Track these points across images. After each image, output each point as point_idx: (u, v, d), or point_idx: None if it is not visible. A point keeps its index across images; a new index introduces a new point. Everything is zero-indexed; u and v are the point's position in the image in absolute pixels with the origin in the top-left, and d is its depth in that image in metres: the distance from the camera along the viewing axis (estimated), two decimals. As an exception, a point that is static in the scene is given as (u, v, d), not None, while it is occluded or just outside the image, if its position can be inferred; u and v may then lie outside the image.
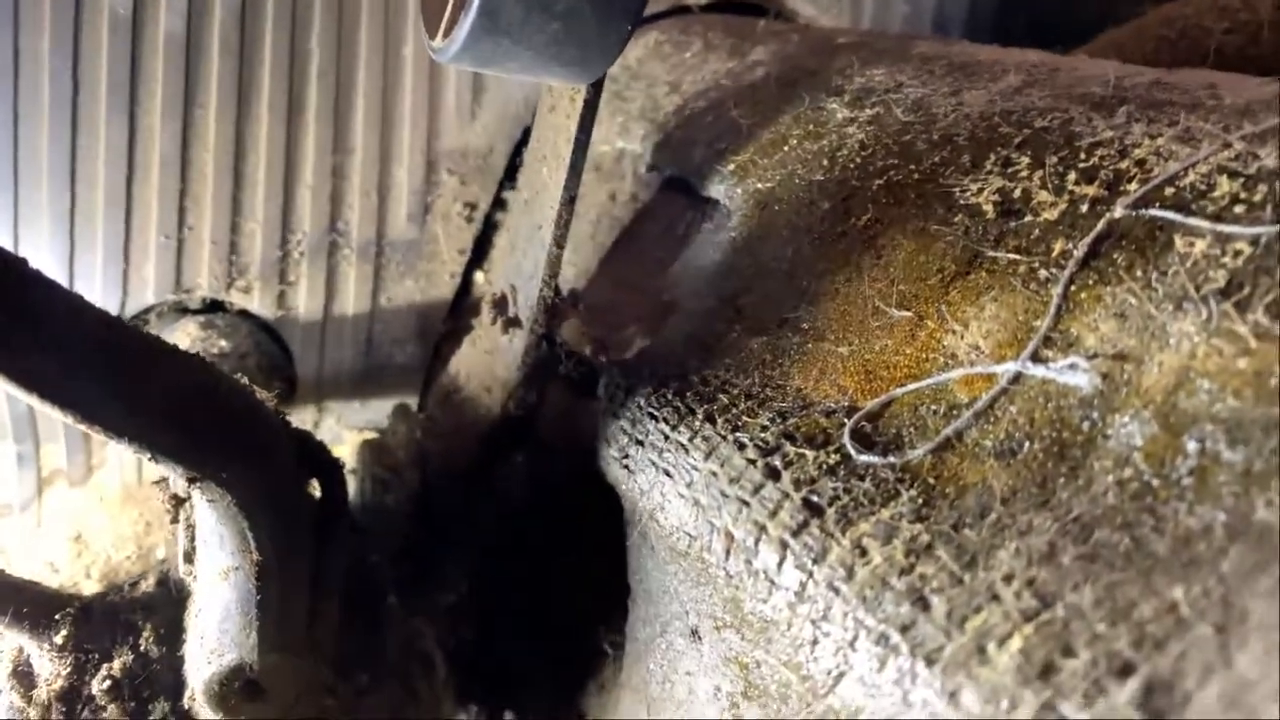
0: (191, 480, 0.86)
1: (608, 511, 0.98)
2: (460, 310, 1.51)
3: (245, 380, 0.94)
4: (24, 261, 0.75)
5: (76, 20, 1.30)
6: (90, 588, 1.48)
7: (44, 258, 1.37)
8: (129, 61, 1.31)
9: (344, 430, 1.53)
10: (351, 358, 1.49)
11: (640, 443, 0.84)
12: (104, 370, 0.78)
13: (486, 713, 1.03)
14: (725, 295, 0.94)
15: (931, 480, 0.64)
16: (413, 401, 1.51)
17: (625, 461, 0.86)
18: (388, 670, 1.10)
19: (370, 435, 1.53)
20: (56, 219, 1.35)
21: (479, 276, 1.53)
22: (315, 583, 1.00)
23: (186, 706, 1.04)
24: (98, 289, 1.40)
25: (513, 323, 1.16)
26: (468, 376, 1.25)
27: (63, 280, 1.42)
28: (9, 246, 1.39)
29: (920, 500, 0.63)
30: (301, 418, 1.49)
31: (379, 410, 1.52)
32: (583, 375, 1.10)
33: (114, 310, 1.40)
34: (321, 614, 1.01)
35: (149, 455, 0.82)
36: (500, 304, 1.20)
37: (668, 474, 0.80)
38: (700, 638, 0.81)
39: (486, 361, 1.21)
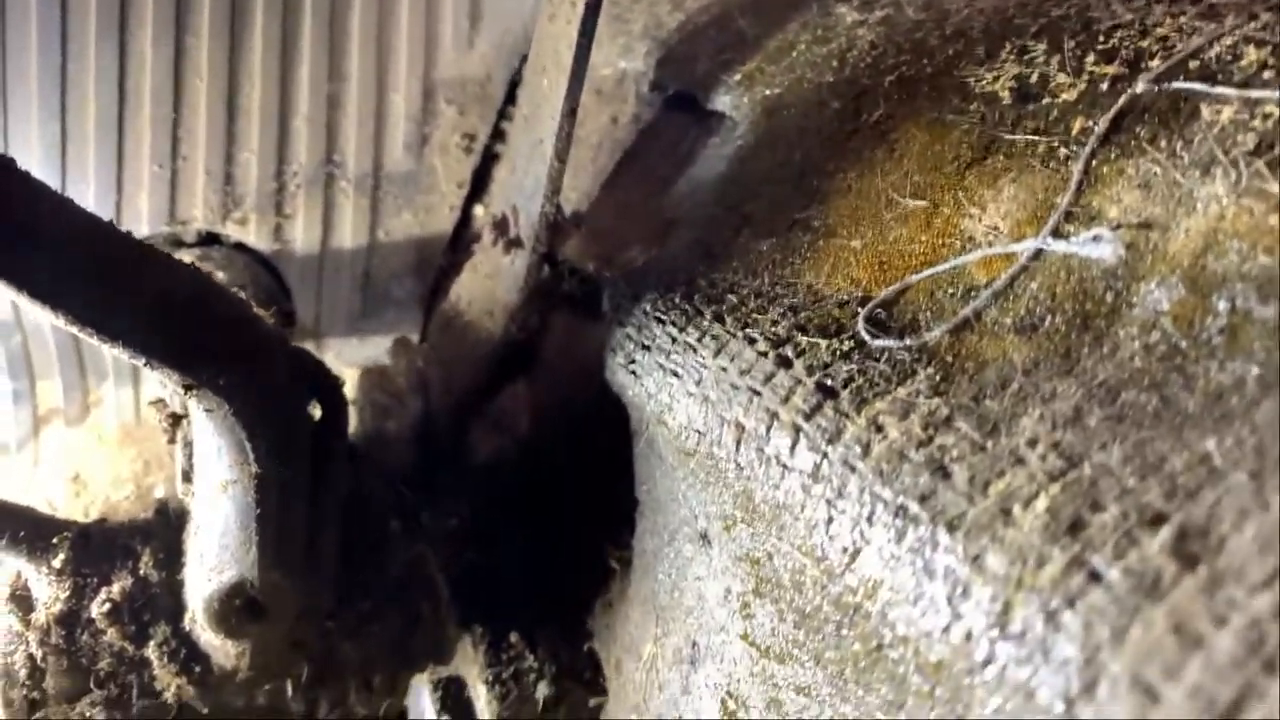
0: (187, 388, 0.84)
1: (612, 431, 0.96)
2: (459, 244, 1.49)
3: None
4: (11, 160, 0.73)
5: (64, -58, 1.27)
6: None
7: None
8: (118, -17, 1.29)
9: (343, 366, 1.50)
10: (349, 292, 1.46)
11: (647, 347, 0.83)
12: (93, 269, 0.76)
13: (491, 635, 1.01)
14: (731, 204, 0.92)
15: (949, 359, 0.63)
16: (412, 337, 1.49)
17: (631, 367, 0.84)
18: (390, 595, 1.09)
19: (368, 368, 1.51)
20: (47, 148, 1.33)
21: (478, 210, 1.50)
22: (315, 502, 0.98)
23: (187, 628, 1.03)
24: (91, 221, 1.37)
25: (514, 243, 1.14)
26: (469, 303, 1.23)
27: (55, 213, 1.40)
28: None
29: (938, 377, 0.61)
30: (300, 353, 1.47)
31: (378, 346, 1.50)
32: (586, 293, 1.08)
33: (108, 243, 1.37)
34: (322, 534, 1.00)
35: (143, 360, 0.80)
36: (501, 225, 1.17)
37: (675, 374, 0.78)
38: (709, 541, 0.80)
39: (488, 286, 1.19)
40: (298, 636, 1.04)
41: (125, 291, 0.78)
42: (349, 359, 1.53)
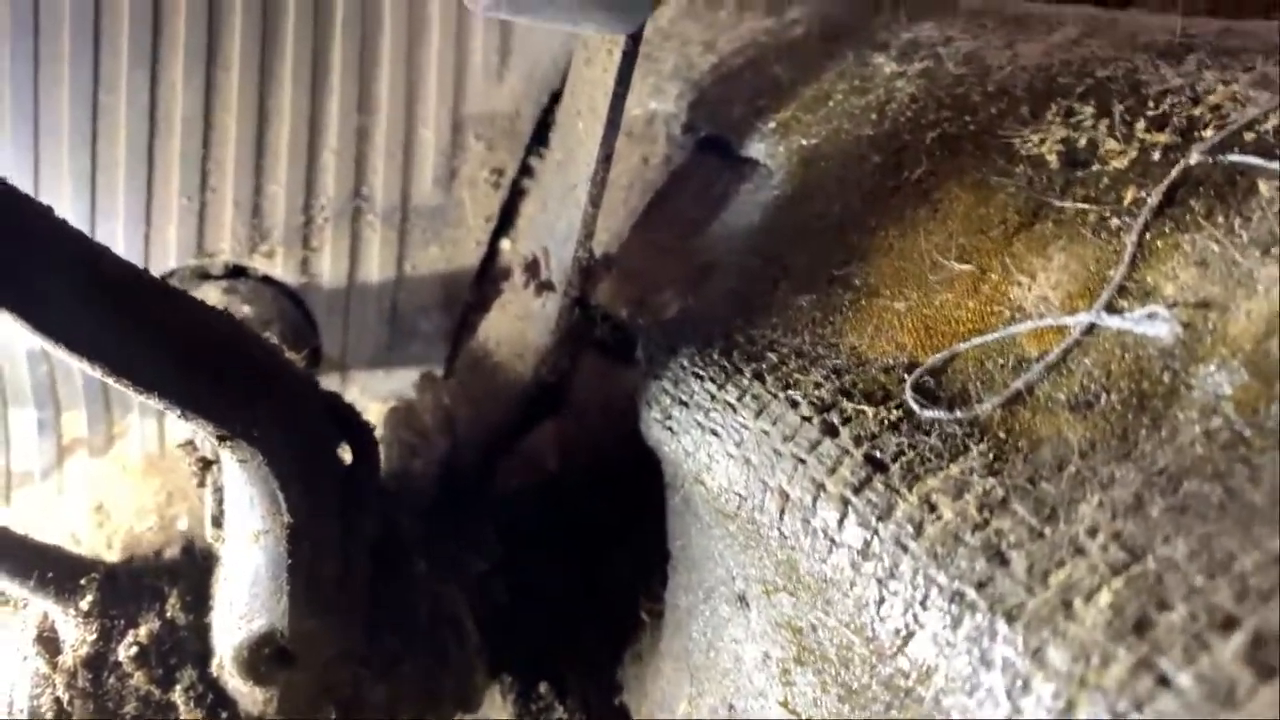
0: (221, 439, 0.84)
1: (645, 477, 0.96)
2: (486, 279, 1.48)
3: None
4: (49, 210, 0.73)
5: (97, -26, 1.28)
6: (112, 559, 1.47)
7: (63, 217, 1.34)
8: (151, 17, 1.29)
9: (368, 401, 1.50)
10: (375, 326, 1.46)
11: (684, 403, 0.82)
12: (130, 319, 0.76)
13: (520, 684, 1.01)
14: (769, 254, 0.91)
15: (1002, 434, 0.62)
16: (437, 371, 1.49)
17: (668, 423, 0.83)
18: (419, 637, 1.08)
19: (393, 403, 1.51)
20: (78, 178, 1.33)
21: (505, 244, 1.50)
22: (346, 547, 0.98)
23: (214, 673, 1.02)
24: (119, 250, 1.36)
25: (546, 286, 1.14)
26: (498, 343, 1.22)
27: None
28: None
29: (992, 455, 0.60)
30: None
31: (403, 380, 1.50)
32: (618, 339, 1.08)
33: (135, 275, 1.38)
34: (352, 579, 0.99)
35: (178, 411, 0.80)
36: (532, 267, 1.17)
37: (714, 434, 0.77)
38: (748, 604, 0.79)
39: (518, 327, 1.19)
40: (326, 681, 1.04)
41: (161, 345, 0.78)
42: (374, 392, 1.52)
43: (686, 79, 1.21)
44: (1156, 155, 0.68)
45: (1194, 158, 0.66)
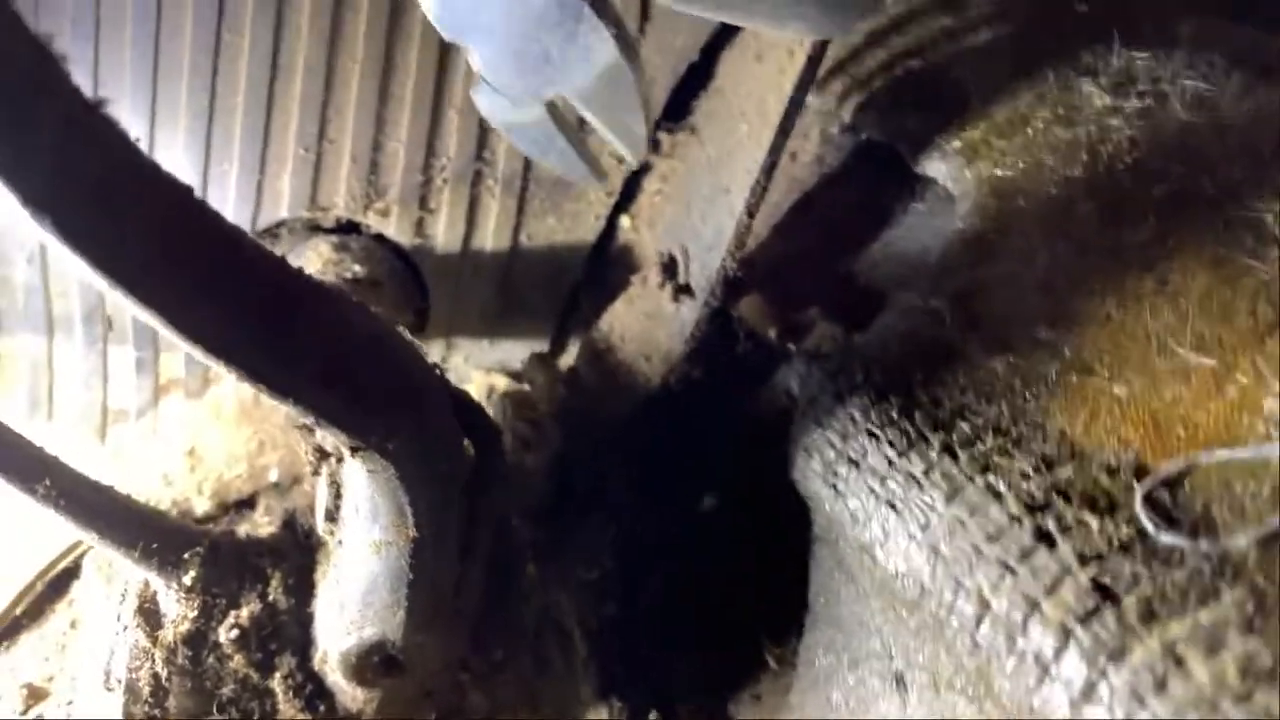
0: (354, 450, 0.79)
1: (779, 510, 0.90)
2: (602, 255, 1.42)
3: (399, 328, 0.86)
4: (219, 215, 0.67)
5: (224, -91, 1.21)
6: (202, 505, 1.44)
7: (179, 160, 1.29)
8: (279, -45, 1.22)
9: (471, 369, 1.46)
10: (486, 295, 1.40)
11: (855, 463, 0.75)
12: (266, 320, 0.70)
13: (630, 711, 0.97)
14: (952, 294, 0.84)
15: (1261, 581, 0.55)
16: (543, 346, 1.43)
17: (833, 480, 0.77)
18: (523, 645, 1.04)
19: (498, 376, 1.46)
20: (194, 119, 1.28)
21: (624, 221, 1.42)
22: (463, 555, 0.93)
23: (315, 666, 0.99)
24: (231, 197, 1.33)
25: (683, 290, 1.07)
26: (623, 338, 1.16)
27: (195, 185, 1.36)
28: (144, 146, 1.31)
29: (1250, 607, 0.53)
30: (429, 353, 1.42)
31: (509, 351, 1.45)
32: (760, 359, 1.01)
33: (245, 221, 1.33)
34: (467, 587, 0.95)
35: (312, 420, 0.75)
36: (669, 267, 1.10)
37: (893, 508, 0.71)
38: (906, 686, 0.73)
39: (646, 325, 1.12)
40: (430, 686, 1.00)
41: (300, 347, 0.72)
42: (479, 361, 1.47)
43: (851, 74, 1.11)
44: None
45: None
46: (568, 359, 1.37)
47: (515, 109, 0.94)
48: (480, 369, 1.46)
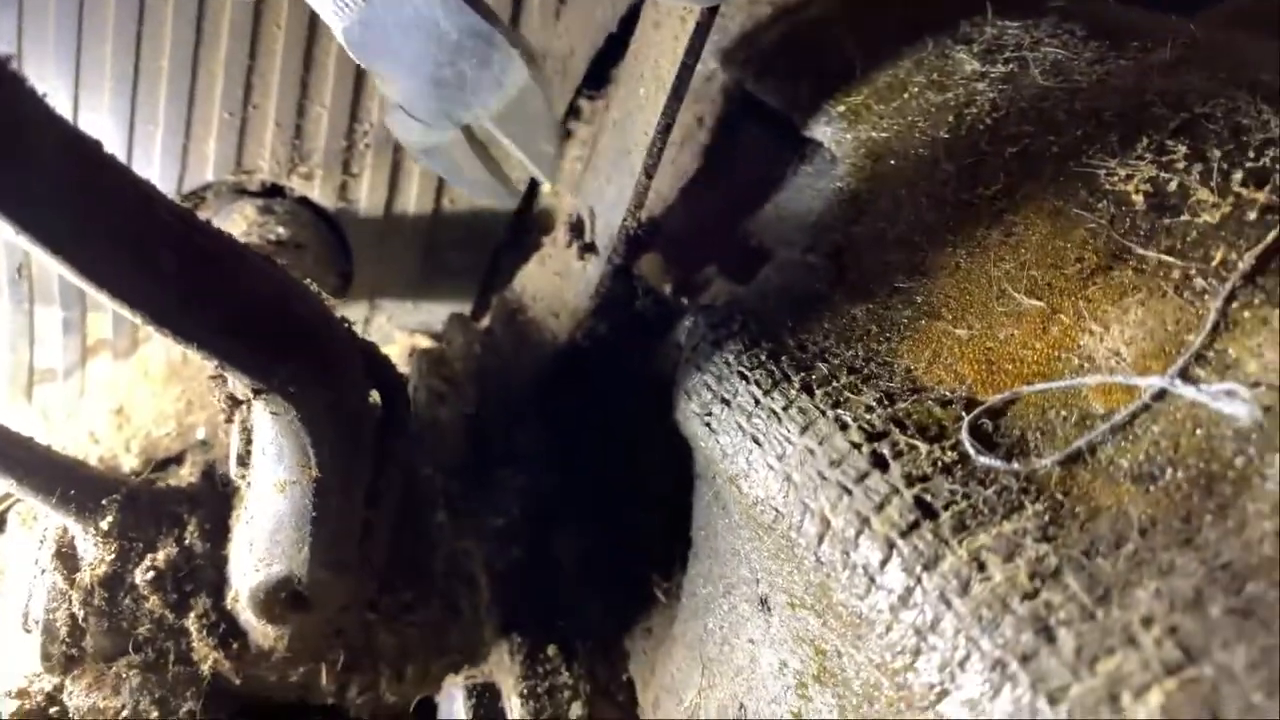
0: (257, 392, 0.83)
1: (668, 454, 0.95)
2: (524, 219, 1.46)
3: (312, 286, 0.90)
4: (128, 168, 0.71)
5: None
6: (129, 462, 1.47)
7: (103, 123, 1.31)
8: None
9: (394, 330, 1.49)
10: (409, 258, 1.44)
11: (726, 402, 0.80)
12: (175, 271, 0.74)
13: (529, 645, 1.01)
14: (826, 251, 0.89)
15: (1060, 496, 0.60)
16: (466, 308, 1.47)
17: (707, 419, 0.82)
18: (431, 589, 1.09)
19: (421, 337, 1.50)
20: (119, 81, 1.30)
21: (545, 186, 1.46)
22: (370, 500, 0.97)
23: (228, 606, 1.03)
24: (156, 160, 1.35)
25: (589, 249, 1.12)
26: (534, 297, 1.20)
27: (120, 149, 1.38)
28: (68, 109, 1.33)
29: (1047, 517, 0.59)
30: (353, 315, 1.45)
31: (432, 313, 1.49)
32: (658, 314, 1.06)
33: (171, 184, 1.36)
34: (374, 531, 0.99)
35: (217, 363, 0.79)
36: (577, 227, 1.15)
37: (756, 441, 0.76)
38: (770, 609, 0.79)
39: (556, 284, 1.17)
40: (338, 624, 1.05)
41: (207, 296, 0.76)
42: (402, 323, 1.51)
43: (754, 44, 1.16)
44: (1252, 215, 0.65)
45: (1292, 224, 0.63)
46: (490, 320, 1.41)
47: (430, 133, 1.00)
48: (404, 330, 1.50)
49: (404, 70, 0.99)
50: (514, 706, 0.98)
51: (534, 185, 1.45)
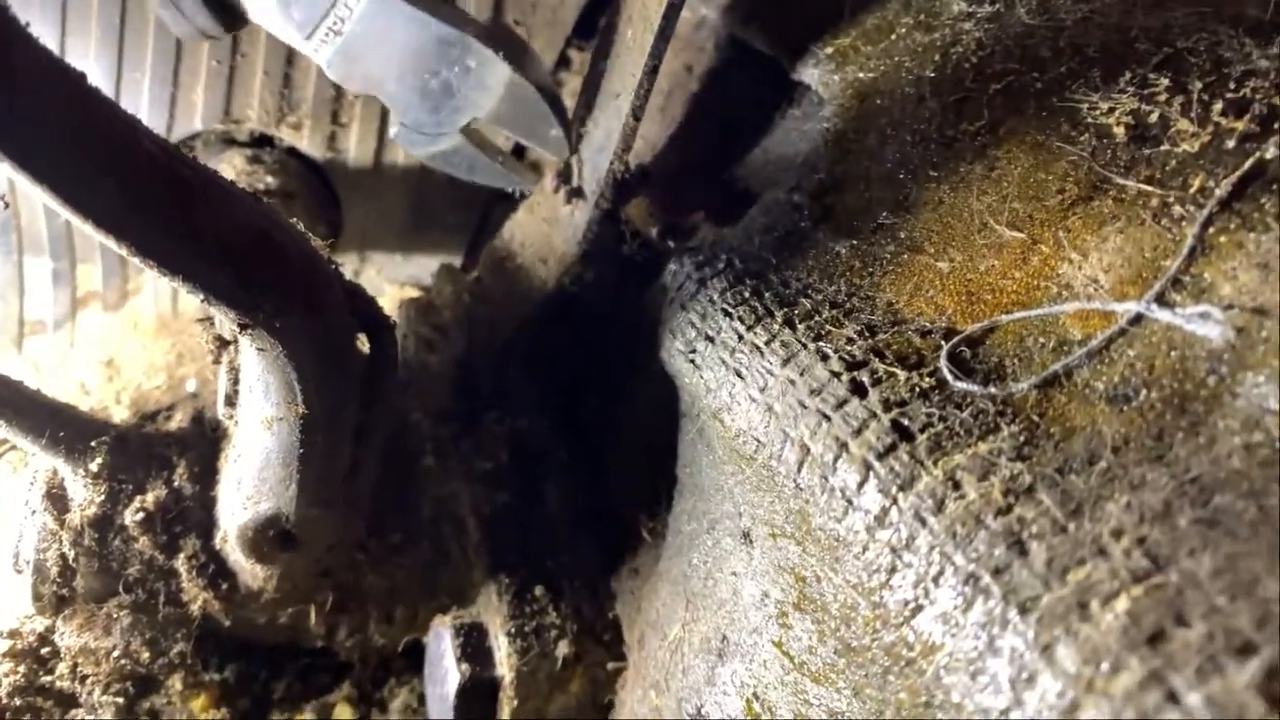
0: (243, 327, 0.83)
1: (658, 395, 0.95)
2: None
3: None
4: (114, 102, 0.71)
5: None
6: (120, 414, 1.47)
7: (90, 70, 1.29)
8: None
9: (384, 283, 1.49)
10: (399, 209, 1.44)
11: (710, 339, 0.81)
12: (160, 201, 0.74)
13: (517, 586, 1.02)
14: (811, 190, 0.89)
15: (1035, 417, 0.61)
16: (457, 261, 1.47)
17: (692, 356, 0.83)
18: (420, 531, 1.09)
19: (411, 290, 1.50)
20: (105, 30, 1.29)
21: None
22: (358, 439, 0.98)
23: (217, 546, 1.04)
24: (144, 108, 1.34)
25: (576, 194, 1.12)
26: (523, 244, 1.20)
27: (108, 95, 1.37)
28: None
29: (1022, 438, 0.60)
30: (342, 266, 1.45)
31: (422, 266, 1.49)
32: (645, 258, 1.06)
33: (160, 133, 1.34)
34: (361, 470, 1.00)
35: (202, 296, 0.79)
36: (564, 172, 1.14)
37: (739, 375, 0.77)
38: (751, 541, 0.80)
39: (544, 231, 1.17)
40: (326, 565, 1.05)
41: (191, 228, 0.76)
42: (392, 275, 1.51)
43: (743, -10, 1.16)
44: (1231, 143, 0.66)
45: (1271, 151, 0.63)
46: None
47: (434, 142, 1.04)
48: (394, 283, 1.50)
49: (393, 90, 1.04)
50: (501, 645, 0.99)
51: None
